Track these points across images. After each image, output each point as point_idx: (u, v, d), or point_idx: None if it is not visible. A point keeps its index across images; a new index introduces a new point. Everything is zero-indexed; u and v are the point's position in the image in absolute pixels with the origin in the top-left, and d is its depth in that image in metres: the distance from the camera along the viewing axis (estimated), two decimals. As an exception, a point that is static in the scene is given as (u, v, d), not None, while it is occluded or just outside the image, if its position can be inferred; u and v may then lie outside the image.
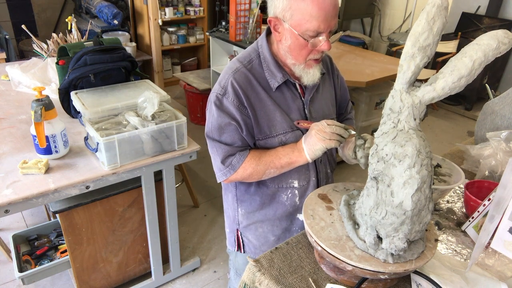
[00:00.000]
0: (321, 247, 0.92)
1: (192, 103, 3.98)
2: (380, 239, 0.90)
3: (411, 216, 0.83)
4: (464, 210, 1.30)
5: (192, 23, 4.83)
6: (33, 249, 2.07)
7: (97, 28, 3.96)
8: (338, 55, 3.45)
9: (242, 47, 3.29)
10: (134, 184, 1.83)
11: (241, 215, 1.36)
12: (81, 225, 1.77)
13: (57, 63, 1.95)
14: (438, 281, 0.92)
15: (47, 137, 1.56)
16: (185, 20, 4.71)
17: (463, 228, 1.19)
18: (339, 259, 0.89)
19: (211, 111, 1.18)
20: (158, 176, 1.85)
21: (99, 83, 1.90)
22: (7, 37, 3.38)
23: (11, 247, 2.04)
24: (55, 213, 1.67)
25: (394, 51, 4.40)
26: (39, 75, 2.29)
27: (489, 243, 1.02)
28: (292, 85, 1.21)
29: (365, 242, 0.90)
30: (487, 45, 0.76)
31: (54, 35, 2.32)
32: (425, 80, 0.85)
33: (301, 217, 1.32)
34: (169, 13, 4.40)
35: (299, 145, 1.15)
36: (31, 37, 2.39)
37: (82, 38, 2.42)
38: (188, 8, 4.58)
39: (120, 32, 3.90)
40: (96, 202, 1.76)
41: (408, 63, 0.82)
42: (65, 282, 2.18)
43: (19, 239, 2.10)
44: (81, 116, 1.73)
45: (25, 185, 1.49)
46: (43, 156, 1.61)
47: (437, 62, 4.06)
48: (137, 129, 1.63)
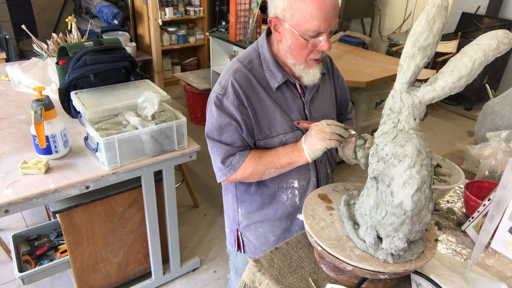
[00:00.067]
0: (321, 247, 0.92)
1: (192, 103, 3.98)
2: (380, 239, 0.90)
3: (411, 216, 0.83)
4: (464, 210, 1.30)
5: (192, 23, 4.83)
6: (33, 249, 2.07)
7: (97, 28, 3.96)
8: (338, 55, 3.45)
9: (242, 47, 3.29)
10: (134, 184, 1.83)
11: (241, 215, 1.36)
12: (81, 225, 1.77)
13: (57, 63, 1.95)
14: (438, 281, 0.92)
15: (47, 137, 1.56)
16: (185, 20, 4.71)
17: (463, 228, 1.19)
18: (339, 259, 0.89)
19: (211, 111, 1.18)
20: (158, 176, 1.85)
21: (99, 83, 1.90)
22: (7, 37, 3.38)
23: (11, 247, 2.04)
24: (55, 213, 1.67)
25: (394, 51, 4.40)
26: (39, 75, 2.29)
27: (489, 243, 1.02)
28: (292, 85, 1.21)
29: (365, 242, 0.90)
30: (487, 45, 0.76)
31: (54, 35, 2.32)
32: (425, 80, 0.85)
33: (301, 217, 1.32)
34: (169, 13, 4.40)
35: (299, 145, 1.15)
36: (31, 37, 2.39)
37: (82, 38, 2.42)
38: (188, 8, 4.58)
39: (120, 32, 3.91)
40: (96, 202, 1.76)
41: (408, 63, 0.82)
42: (65, 282, 2.18)
43: (19, 239, 2.10)
44: (81, 116, 1.74)
45: (25, 185, 1.49)
46: (43, 156, 1.61)
47: (437, 62, 4.06)
48: (137, 129, 1.63)
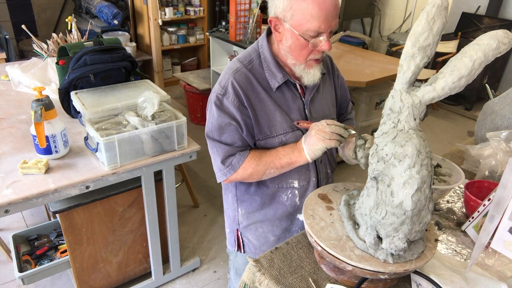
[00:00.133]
0: (321, 247, 0.92)
1: (192, 103, 3.98)
2: (380, 239, 0.90)
3: (411, 216, 0.83)
4: (464, 210, 1.30)
5: (192, 23, 4.83)
6: (33, 249, 2.07)
7: (97, 28, 3.96)
8: (338, 55, 3.45)
9: (242, 47, 3.29)
10: (134, 184, 1.83)
11: (241, 215, 1.36)
12: (81, 225, 1.77)
13: (57, 63, 1.95)
14: (438, 281, 0.92)
15: (47, 137, 1.56)
16: (185, 20, 4.71)
17: (463, 228, 1.19)
18: (339, 259, 0.89)
19: (211, 111, 1.18)
20: (158, 176, 1.85)
21: (99, 83, 1.90)
22: (7, 37, 3.38)
23: (11, 247, 2.04)
24: (55, 213, 1.67)
25: (394, 51, 4.40)
26: (39, 75, 2.29)
27: (489, 243, 1.02)
28: (292, 85, 1.21)
29: (365, 242, 0.90)
30: (487, 45, 0.76)
31: (54, 35, 2.32)
32: (425, 80, 0.85)
33: (301, 217, 1.32)
34: (169, 13, 4.39)
35: (299, 145, 1.15)
36: (31, 37, 2.39)
37: (82, 38, 2.42)
38: (188, 8, 4.58)
39: (120, 32, 3.91)
40: (96, 202, 1.76)
41: (408, 63, 0.82)
42: (65, 282, 2.18)
43: (19, 239, 2.10)
44: (81, 116, 1.74)
45: (25, 185, 1.49)
46: (43, 156, 1.61)
47: (437, 62, 4.06)
48: (137, 129, 1.63)
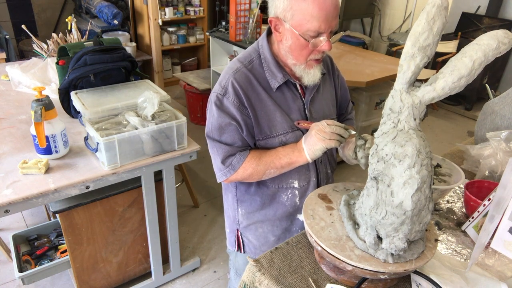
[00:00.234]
0: (321, 247, 0.92)
1: (192, 103, 3.98)
2: (380, 239, 0.90)
3: (411, 216, 0.83)
4: (464, 210, 1.30)
5: (192, 23, 4.83)
6: (33, 249, 2.07)
7: (97, 28, 3.96)
8: (338, 55, 3.45)
9: (242, 47, 3.29)
10: (134, 184, 1.83)
11: (241, 215, 1.36)
12: (81, 225, 1.77)
13: (57, 63, 1.95)
14: (438, 281, 0.92)
15: (47, 137, 1.56)
16: (185, 20, 4.71)
17: (463, 228, 1.19)
18: (339, 259, 0.89)
19: (212, 111, 1.18)
20: (158, 176, 1.85)
21: (99, 83, 1.90)
22: (7, 37, 3.38)
23: (11, 247, 2.04)
24: (55, 213, 1.67)
25: (394, 51, 4.40)
26: (39, 75, 2.29)
27: (489, 243, 1.02)
28: (292, 85, 1.21)
29: (365, 242, 0.90)
30: (487, 45, 0.76)
31: (54, 35, 2.32)
32: (425, 80, 0.85)
33: (301, 217, 1.32)
34: (169, 13, 4.39)
35: (299, 145, 1.15)
36: (31, 37, 2.39)
37: (82, 38, 2.42)
38: (188, 8, 4.58)
39: (120, 32, 3.91)
40: (96, 202, 1.76)
41: (408, 63, 0.82)
42: (65, 282, 2.18)
43: (19, 239, 2.10)
44: (81, 116, 1.74)
45: (25, 185, 1.49)
46: (43, 156, 1.61)
47: (437, 62, 4.06)
48: (137, 129, 1.63)
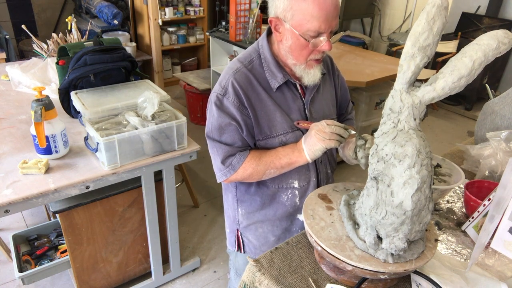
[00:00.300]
0: (321, 247, 0.92)
1: (192, 103, 3.98)
2: (380, 239, 0.90)
3: (411, 216, 0.83)
4: (464, 210, 1.30)
5: (192, 23, 4.83)
6: (33, 249, 2.06)
7: (97, 28, 3.96)
8: (338, 55, 3.45)
9: (242, 47, 3.29)
10: (134, 184, 1.83)
11: (241, 215, 1.36)
12: (81, 225, 1.77)
13: (57, 63, 1.95)
14: (438, 281, 0.92)
15: (47, 137, 1.56)
16: (185, 20, 4.71)
17: (463, 228, 1.19)
18: (339, 259, 0.89)
19: (212, 111, 1.18)
20: (158, 176, 1.85)
21: (99, 83, 1.90)
22: (7, 37, 3.38)
23: (11, 247, 2.04)
24: (55, 213, 1.67)
25: (394, 51, 4.40)
26: (39, 75, 2.29)
27: (489, 243, 1.02)
28: (292, 85, 1.21)
29: (365, 242, 0.90)
30: (487, 45, 0.76)
31: (54, 35, 2.32)
32: (425, 80, 0.85)
33: (301, 217, 1.32)
34: (169, 13, 4.39)
35: (299, 145, 1.15)
36: (31, 37, 2.39)
37: (82, 38, 2.42)
38: (188, 8, 4.58)
39: (120, 32, 3.91)
40: (96, 202, 1.76)
41: (408, 63, 0.82)
42: (65, 282, 2.18)
43: (19, 239, 2.10)
44: (81, 116, 1.74)
45: (25, 185, 1.49)
46: (43, 156, 1.61)
47: (437, 62, 4.06)
48: (137, 129, 1.63)
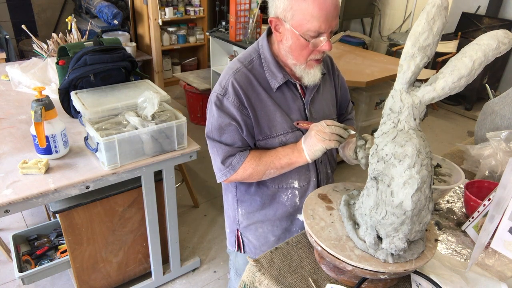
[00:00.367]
0: (321, 247, 0.92)
1: (192, 103, 3.98)
2: (380, 239, 0.90)
3: (411, 216, 0.83)
4: (464, 210, 1.30)
5: (192, 23, 4.83)
6: (33, 249, 2.06)
7: (97, 28, 3.96)
8: (338, 55, 3.45)
9: (242, 47, 3.29)
10: (134, 184, 1.83)
11: (241, 215, 1.36)
12: (81, 225, 1.77)
13: (57, 63, 1.95)
14: (438, 281, 0.92)
15: (47, 137, 1.56)
16: (185, 20, 4.71)
17: (463, 228, 1.19)
18: (339, 259, 0.89)
19: (212, 112, 1.18)
20: (158, 176, 1.85)
21: (99, 83, 1.89)
22: (7, 37, 3.38)
23: (11, 247, 2.03)
24: (55, 213, 1.67)
25: (394, 51, 4.40)
26: (39, 75, 2.28)
27: (489, 243, 1.02)
28: (292, 85, 1.21)
29: (365, 242, 0.90)
30: (487, 45, 0.76)
31: (54, 35, 2.32)
32: (425, 80, 0.85)
33: (301, 217, 1.32)
34: (169, 13, 4.39)
35: (299, 146, 1.15)
36: (31, 37, 2.39)
37: (82, 38, 2.42)
38: (188, 8, 4.58)
39: (120, 32, 3.91)
40: (96, 202, 1.76)
41: (408, 63, 0.82)
42: (65, 282, 2.18)
43: (19, 239, 2.10)
44: (81, 116, 1.74)
45: (25, 185, 1.49)
46: (43, 156, 1.61)
47: (437, 62, 4.06)
48: (137, 129, 1.63)
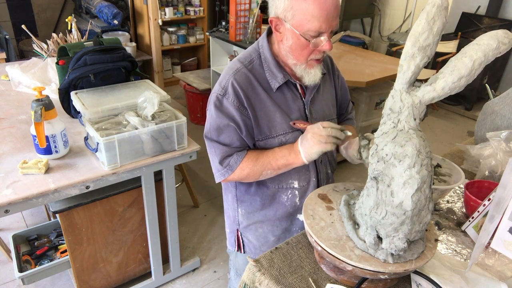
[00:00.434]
0: (321, 247, 0.92)
1: (192, 103, 3.98)
2: (380, 239, 0.90)
3: (411, 216, 0.83)
4: (464, 210, 1.30)
5: (192, 23, 4.83)
6: (33, 249, 2.06)
7: (97, 28, 3.96)
8: (338, 55, 3.45)
9: (242, 47, 3.29)
10: (134, 184, 1.83)
11: (241, 215, 1.36)
12: (81, 225, 1.77)
13: (57, 63, 1.95)
14: (438, 281, 0.92)
15: (47, 137, 1.56)
16: (185, 20, 4.70)
17: (463, 228, 1.19)
18: (339, 259, 0.89)
19: (210, 112, 1.18)
20: (158, 176, 1.85)
21: (99, 83, 1.89)
22: (7, 37, 3.38)
23: (11, 247, 2.03)
24: (55, 213, 1.67)
25: (394, 51, 4.40)
26: (39, 75, 2.28)
27: (489, 243, 1.02)
28: (292, 85, 1.21)
29: (365, 242, 0.90)
30: (487, 45, 0.76)
31: (54, 35, 2.32)
32: (425, 80, 0.85)
33: (301, 217, 1.32)
34: (169, 13, 4.39)
35: (296, 147, 1.15)
36: (31, 37, 2.39)
37: (82, 38, 2.42)
38: (188, 8, 4.58)
39: (120, 32, 3.91)
40: (96, 202, 1.76)
41: (408, 63, 0.82)
42: (65, 282, 2.18)
43: (19, 239, 2.10)
44: (81, 116, 1.74)
45: (25, 185, 1.49)
46: (43, 156, 1.61)
47: (437, 62, 4.06)
48: (137, 129, 1.63)
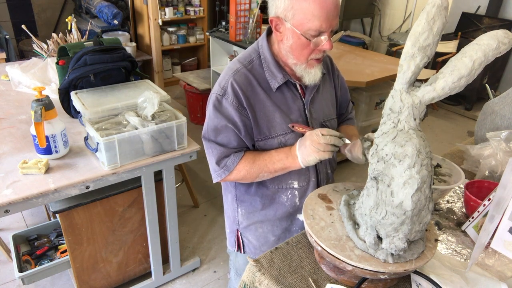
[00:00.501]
0: (321, 247, 0.92)
1: (192, 103, 3.98)
2: (380, 239, 0.90)
3: (411, 216, 0.83)
4: (464, 210, 1.30)
5: (192, 23, 4.83)
6: (33, 249, 2.06)
7: (97, 28, 3.96)
8: (338, 55, 3.45)
9: (242, 47, 3.29)
10: (134, 184, 1.83)
11: (241, 215, 1.36)
12: (81, 225, 1.77)
13: (57, 63, 1.95)
14: (438, 281, 0.92)
15: (47, 137, 1.56)
16: (185, 20, 4.71)
17: (463, 228, 1.19)
18: (339, 259, 0.89)
19: (209, 112, 1.18)
20: (158, 176, 1.85)
21: (99, 83, 1.89)
22: (7, 37, 3.38)
23: (11, 247, 2.03)
24: (55, 213, 1.67)
25: (394, 51, 4.40)
26: (39, 75, 2.28)
27: (489, 243, 1.02)
28: (292, 85, 1.21)
29: (365, 242, 0.90)
30: (487, 45, 0.76)
31: (54, 35, 2.32)
32: (425, 80, 0.85)
33: (301, 217, 1.32)
34: (169, 13, 4.40)
35: (293, 152, 1.15)
36: (31, 37, 2.39)
37: (82, 38, 2.42)
38: (188, 8, 4.58)
39: (120, 32, 3.91)
40: (96, 202, 1.76)
41: (408, 63, 0.82)
42: (65, 282, 2.18)
43: (19, 239, 2.10)
44: (81, 116, 1.74)
45: (25, 185, 1.49)
46: (43, 156, 1.61)
47: (437, 62, 4.06)
48: (137, 129, 1.63)
